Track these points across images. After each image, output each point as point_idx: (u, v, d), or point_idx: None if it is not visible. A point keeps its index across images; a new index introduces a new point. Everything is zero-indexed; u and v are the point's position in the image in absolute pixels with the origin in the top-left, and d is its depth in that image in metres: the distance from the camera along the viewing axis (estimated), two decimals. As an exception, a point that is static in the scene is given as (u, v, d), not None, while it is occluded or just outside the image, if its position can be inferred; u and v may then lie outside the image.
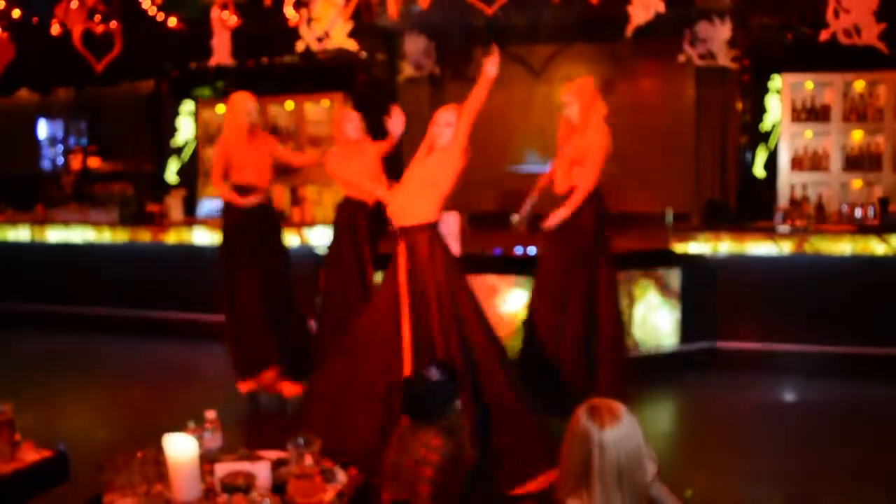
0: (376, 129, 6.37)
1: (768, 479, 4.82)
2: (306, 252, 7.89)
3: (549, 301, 5.63)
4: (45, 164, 11.38)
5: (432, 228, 4.71)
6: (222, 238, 6.36)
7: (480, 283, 6.80)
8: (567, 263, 5.58)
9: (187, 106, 10.59)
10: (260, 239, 6.25)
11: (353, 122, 6.26)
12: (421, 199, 4.70)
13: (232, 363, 6.42)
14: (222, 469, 3.34)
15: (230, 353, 6.42)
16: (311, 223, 8.20)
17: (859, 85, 8.08)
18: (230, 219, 6.27)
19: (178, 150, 10.70)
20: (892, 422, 5.99)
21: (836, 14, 7.24)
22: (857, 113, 8.04)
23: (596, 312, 5.59)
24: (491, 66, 4.77)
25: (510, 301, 6.85)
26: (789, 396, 6.73)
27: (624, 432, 2.40)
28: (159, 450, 3.30)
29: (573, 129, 5.61)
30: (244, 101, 6.12)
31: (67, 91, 11.14)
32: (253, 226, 6.22)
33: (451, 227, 6.67)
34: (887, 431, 5.80)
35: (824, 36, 7.52)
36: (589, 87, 5.61)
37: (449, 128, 4.70)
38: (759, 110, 8.65)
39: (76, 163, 11.00)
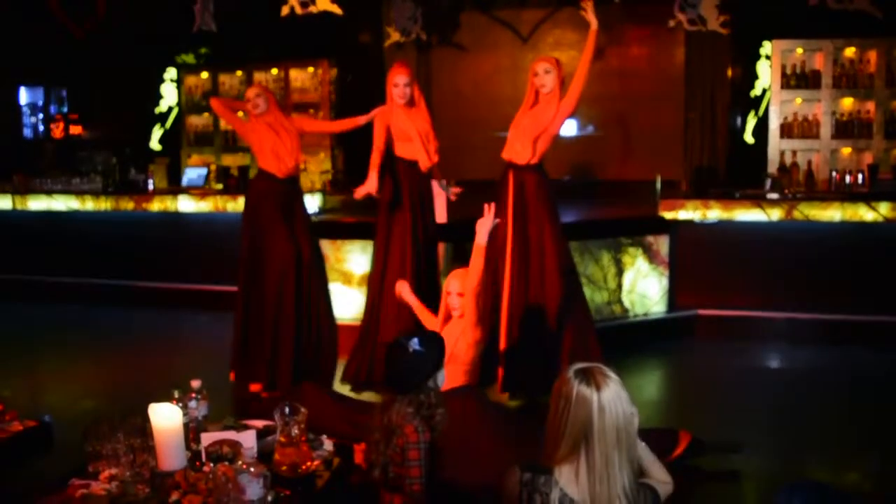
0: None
1: (754, 445, 4.81)
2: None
3: (511, 277, 5.62)
4: (27, 133, 11.22)
5: (470, 390, 4.59)
6: (243, 223, 6.02)
7: (466, 251, 6.75)
8: (525, 238, 5.58)
9: (170, 73, 10.48)
10: (280, 226, 5.80)
11: (398, 87, 5.67)
12: (450, 373, 4.54)
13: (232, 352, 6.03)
14: (208, 438, 3.30)
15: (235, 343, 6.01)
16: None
17: (850, 51, 8.03)
18: (250, 202, 5.97)
19: (162, 118, 10.59)
20: (879, 388, 6.00)
21: (827, -21, 7.18)
22: (848, 79, 8.00)
23: (544, 280, 5.56)
24: (482, 234, 4.52)
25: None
26: (777, 363, 6.73)
27: (617, 391, 2.44)
28: (144, 419, 3.26)
29: (539, 99, 5.55)
30: (248, 90, 5.95)
31: (47, 57, 10.99)
32: (274, 209, 5.81)
33: (437, 194, 6.60)
34: (874, 398, 5.80)
35: (813, 1, 7.46)
36: (562, 65, 5.57)
37: (460, 297, 4.55)
38: (749, 76, 8.61)
39: (58, 131, 10.86)
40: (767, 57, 8.35)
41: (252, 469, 3.02)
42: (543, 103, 5.51)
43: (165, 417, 3.20)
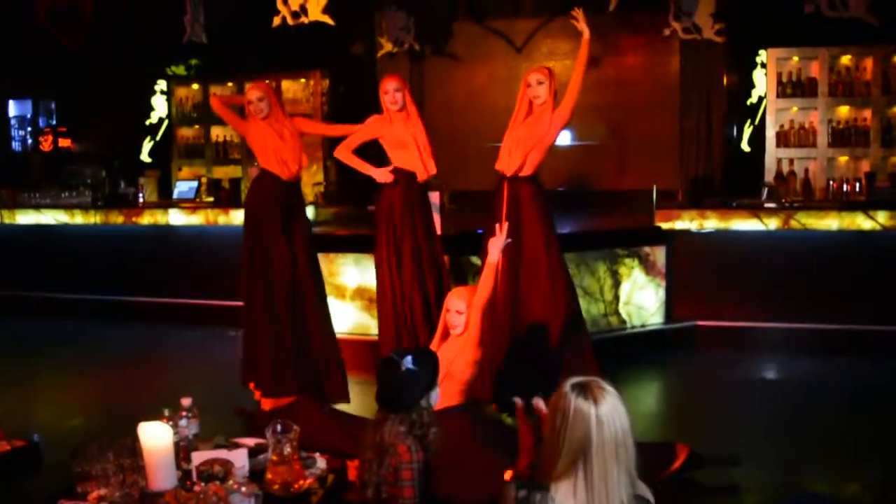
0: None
1: (753, 457, 4.75)
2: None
3: (503, 288, 5.53)
4: (15, 146, 11.15)
5: (465, 409, 4.56)
6: (244, 224, 5.90)
7: (462, 264, 6.70)
8: (518, 250, 5.48)
9: (160, 84, 10.42)
10: (282, 227, 5.68)
11: (388, 94, 5.60)
12: (445, 391, 4.44)
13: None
14: (199, 457, 3.24)
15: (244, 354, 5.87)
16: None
17: (846, 59, 8.00)
18: (251, 203, 5.87)
19: (152, 130, 10.53)
20: (878, 399, 5.95)
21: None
22: (844, 87, 7.97)
23: (539, 293, 5.48)
24: (494, 252, 4.54)
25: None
26: (776, 374, 6.68)
27: (615, 405, 2.40)
28: (134, 438, 3.20)
29: (533, 110, 5.48)
30: (247, 90, 5.84)
31: (36, 70, 10.92)
32: (274, 211, 5.70)
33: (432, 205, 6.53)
34: (873, 408, 5.76)
35: (808, 9, 7.44)
36: (556, 76, 5.50)
37: (461, 315, 4.52)
38: (745, 85, 8.58)
39: (46, 144, 10.78)
40: (763, 65, 8.32)
41: (243, 488, 2.96)
42: (537, 114, 5.45)
43: (155, 436, 3.15)
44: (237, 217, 5.97)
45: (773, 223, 6.90)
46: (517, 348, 5.48)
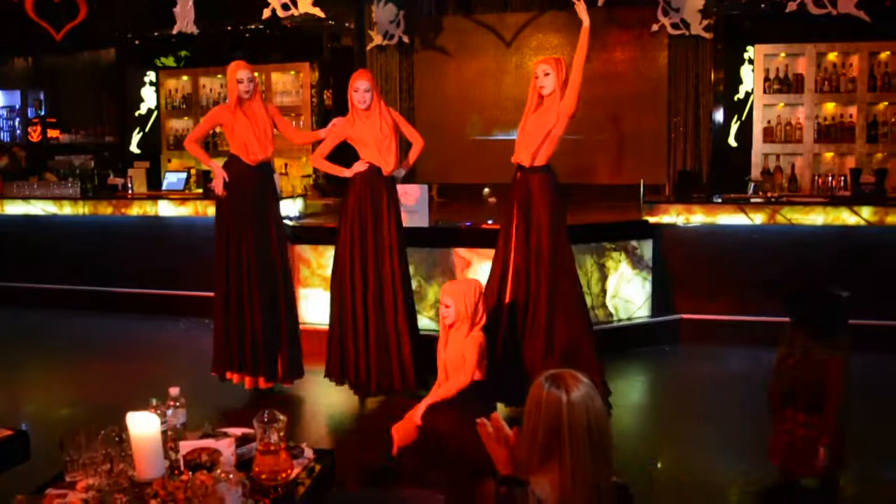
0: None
1: (737, 449, 4.80)
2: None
3: (512, 278, 5.57)
4: (4, 137, 11.10)
5: (464, 396, 4.60)
6: (216, 209, 6.03)
7: (449, 256, 6.72)
8: (526, 239, 5.52)
9: (150, 75, 10.40)
10: (251, 210, 5.84)
11: (358, 92, 5.68)
12: (458, 377, 4.59)
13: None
14: (186, 446, 3.25)
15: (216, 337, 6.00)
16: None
17: (832, 56, 8.05)
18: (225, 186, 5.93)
19: (141, 121, 10.51)
20: (862, 392, 5.97)
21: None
22: (830, 84, 8.02)
23: (540, 283, 5.50)
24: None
25: (482, 275, 6.75)
26: (760, 368, 6.70)
27: (589, 393, 2.43)
28: (122, 427, 3.21)
29: (543, 101, 5.50)
30: (233, 70, 5.86)
31: (24, 60, 10.88)
32: (246, 195, 5.84)
33: (418, 199, 6.56)
34: (856, 401, 5.78)
35: (792, 6, 7.49)
36: (564, 64, 5.52)
37: (448, 308, 4.59)
38: (733, 80, 8.62)
39: (35, 135, 10.75)
40: (751, 61, 8.37)
41: (231, 477, 2.97)
42: (547, 105, 5.47)
43: (143, 426, 3.15)
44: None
45: (759, 218, 6.95)
46: (518, 339, 5.51)
